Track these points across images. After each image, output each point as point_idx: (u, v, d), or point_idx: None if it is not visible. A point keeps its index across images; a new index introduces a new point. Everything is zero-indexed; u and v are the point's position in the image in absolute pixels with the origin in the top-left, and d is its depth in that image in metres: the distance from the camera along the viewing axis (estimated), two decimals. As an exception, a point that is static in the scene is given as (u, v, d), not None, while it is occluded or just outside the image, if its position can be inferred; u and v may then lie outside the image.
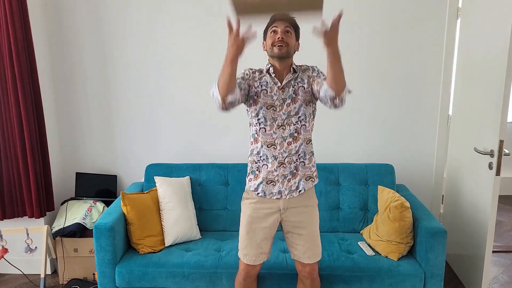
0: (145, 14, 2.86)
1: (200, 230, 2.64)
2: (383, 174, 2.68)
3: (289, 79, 1.89)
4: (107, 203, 2.93)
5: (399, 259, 2.31)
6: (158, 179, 2.61)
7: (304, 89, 1.89)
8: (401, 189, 2.77)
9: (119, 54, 2.92)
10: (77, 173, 3.02)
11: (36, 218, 2.71)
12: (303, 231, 1.94)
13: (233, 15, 1.56)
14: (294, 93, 1.88)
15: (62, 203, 2.93)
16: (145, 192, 2.59)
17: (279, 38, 1.81)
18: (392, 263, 2.27)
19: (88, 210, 2.78)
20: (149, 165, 2.77)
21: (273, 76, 1.88)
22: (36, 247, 2.61)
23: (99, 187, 3.02)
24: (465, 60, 2.68)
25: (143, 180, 2.89)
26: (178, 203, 2.54)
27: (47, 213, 2.84)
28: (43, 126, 2.72)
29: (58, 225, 2.72)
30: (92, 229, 2.66)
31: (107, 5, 2.86)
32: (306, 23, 1.72)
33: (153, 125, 3.03)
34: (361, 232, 2.64)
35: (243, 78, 1.91)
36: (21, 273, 2.86)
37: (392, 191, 2.47)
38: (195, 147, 3.04)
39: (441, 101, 2.88)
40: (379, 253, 2.37)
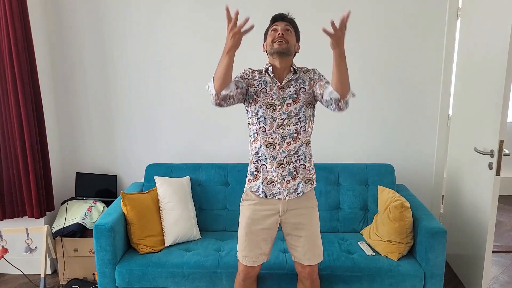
0: (145, 14, 2.86)
1: (200, 230, 2.64)
2: (383, 174, 2.68)
3: (289, 79, 1.89)
4: (107, 203, 2.93)
5: (399, 259, 2.31)
6: (158, 179, 2.61)
7: (305, 90, 1.89)
8: (401, 189, 2.77)
9: (119, 54, 2.92)
10: (77, 173, 3.02)
11: (36, 218, 2.71)
12: (303, 232, 1.93)
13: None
14: (295, 94, 1.88)
15: (62, 203, 2.93)
16: (145, 192, 2.59)
17: (279, 34, 1.83)
18: (392, 263, 2.27)
19: (88, 210, 2.78)
20: (149, 165, 2.77)
21: (272, 76, 1.89)
22: (36, 247, 2.61)
23: (99, 187, 3.02)
24: (465, 60, 2.68)
25: (143, 180, 2.89)
26: (178, 203, 2.54)
27: (47, 213, 2.84)
28: (43, 126, 2.72)
29: (58, 225, 2.72)
30: (92, 229, 2.66)
31: (107, 5, 2.86)
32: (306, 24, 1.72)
33: (153, 125, 3.03)
34: (361, 232, 2.64)
35: (242, 77, 1.91)
36: (21, 273, 2.86)
37: (392, 191, 2.47)
38: (195, 147, 3.04)
39: (441, 101, 2.88)
40: (379, 253, 2.36)
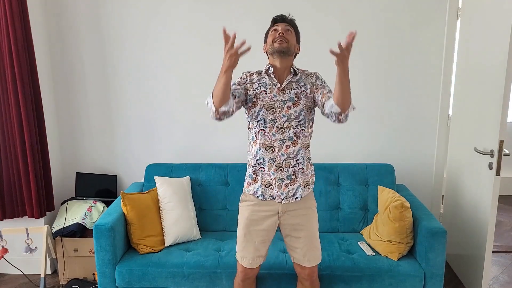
0: (145, 14, 2.86)
1: (200, 230, 2.64)
2: (383, 174, 2.68)
3: (290, 80, 1.89)
4: (107, 203, 2.93)
5: (399, 259, 2.31)
6: (158, 179, 2.61)
7: (306, 94, 1.89)
8: (401, 189, 2.77)
9: (119, 54, 2.92)
10: (77, 173, 3.02)
11: (36, 218, 2.71)
12: (302, 233, 1.93)
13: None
14: (296, 97, 1.87)
15: (62, 203, 2.93)
16: (145, 192, 2.59)
17: (280, 33, 1.83)
18: (392, 263, 2.27)
19: (88, 210, 2.78)
20: (149, 165, 2.77)
21: (273, 76, 1.88)
22: (36, 247, 2.61)
23: (99, 187, 3.02)
24: (465, 60, 2.67)
25: (143, 180, 2.89)
26: (178, 203, 2.54)
27: (47, 213, 2.84)
28: (43, 126, 2.72)
29: (58, 225, 2.72)
30: (92, 229, 2.66)
31: (107, 5, 2.86)
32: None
33: (153, 125, 3.03)
34: (361, 232, 2.64)
35: (239, 83, 1.91)
36: (21, 273, 2.86)
37: (392, 191, 2.47)
38: (195, 147, 3.04)
39: (441, 101, 2.88)
40: (379, 253, 2.36)
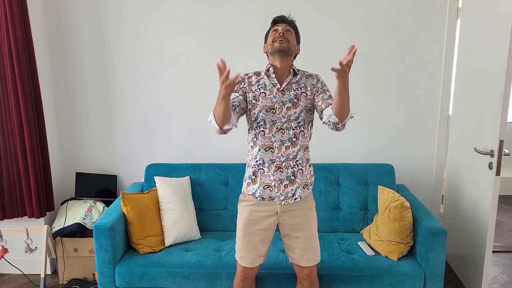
0: (145, 14, 2.86)
1: (200, 230, 2.65)
2: (383, 174, 2.68)
3: (289, 81, 1.89)
4: (107, 203, 2.93)
5: (399, 259, 2.31)
6: (158, 179, 2.61)
7: (306, 95, 1.89)
8: (401, 189, 2.77)
9: (119, 54, 2.92)
10: (77, 173, 3.02)
11: (36, 218, 2.71)
12: (301, 233, 1.93)
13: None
14: (295, 98, 1.88)
15: (62, 203, 2.93)
16: (145, 192, 2.59)
17: (280, 33, 1.84)
18: (392, 263, 2.27)
19: (88, 210, 2.78)
20: (149, 165, 2.77)
21: (273, 76, 1.88)
22: (36, 247, 2.61)
23: (99, 187, 3.02)
24: (465, 60, 2.67)
25: (143, 180, 2.89)
26: (178, 203, 2.54)
27: (47, 213, 2.85)
28: (43, 126, 2.72)
29: (58, 225, 2.72)
30: (92, 229, 2.66)
31: (107, 5, 2.86)
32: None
33: (153, 125, 3.03)
34: (361, 232, 2.64)
35: (236, 90, 1.91)
36: (21, 273, 2.86)
37: (392, 191, 2.47)
38: (195, 147, 3.04)
39: (441, 101, 2.88)
40: (379, 253, 2.36)
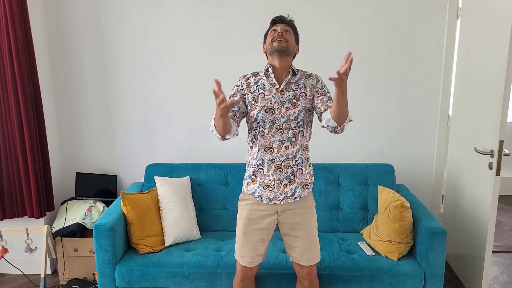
0: (145, 14, 2.86)
1: (200, 230, 2.65)
2: (383, 174, 2.68)
3: (288, 81, 1.89)
4: (107, 203, 2.93)
5: (399, 259, 2.31)
6: (158, 179, 2.61)
7: (305, 95, 1.89)
8: (401, 189, 2.77)
9: (119, 54, 2.92)
10: (77, 173, 3.02)
11: (36, 218, 2.71)
12: (300, 232, 1.93)
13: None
14: (294, 98, 1.88)
15: (62, 203, 2.93)
16: (145, 192, 2.59)
17: (279, 33, 1.85)
18: (392, 263, 2.27)
19: (88, 210, 2.78)
20: (149, 165, 2.77)
21: (272, 76, 1.88)
22: (36, 247, 2.61)
23: (99, 187, 3.02)
24: (465, 60, 2.67)
25: (143, 180, 2.89)
26: (178, 203, 2.54)
27: (47, 213, 2.85)
28: (43, 126, 2.72)
29: (58, 225, 2.72)
30: (92, 229, 2.66)
31: (107, 6, 2.86)
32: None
33: (153, 125, 3.03)
34: (361, 232, 2.64)
35: (234, 94, 1.93)
36: (21, 273, 2.86)
37: (392, 191, 2.47)
38: (195, 147, 3.04)
39: (441, 101, 2.88)
40: (379, 253, 2.36)
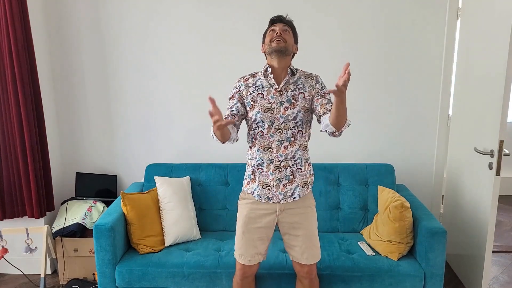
0: (145, 14, 2.86)
1: (200, 230, 2.65)
2: (383, 174, 2.68)
3: (287, 81, 1.89)
4: (107, 203, 2.93)
5: (399, 259, 2.31)
6: (158, 179, 2.61)
7: (304, 96, 1.89)
8: (401, 189, 2.77)
9: (118, 54, 2.92)
10: (77, 173, 3.02)
11: (36, 218, 2.71)
12: (300, 231, 1.93)
13: None
14: (293, 98, 1.88)
15: (62, 203, 2.93)
16: (145, 192, 2.59)
17: (277, 33, 1.85)
18: (392, 263, 2.27)
19: (88, 210, 2.78)
20: (149, 165, 2.77)
21: (271, 77, 1.88)
22: (36, 247, 2.61)
23: (99, 187, 3.02)
24: (465, 60, 2.68)
25: (143, 180, 2.89)
26: (178, 203, 2.54)
27: (47, 213, 2.85)
28: (43, 126, 2.72)
29: (58, 225, 2.72)
30: (92, 229, 2.66)
31: (107, 6, 2.86)
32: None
33: (153, 125, 3.03)
34: (361, 232, 2.64)
35: (233, 95, 1.94)
36: (21, 273, 2.86)
37: (392, 191, 2.47)
38: (195, 147, 3.04)
39: (441, 101, 2.88)
40: (379, 253, 2.36)
